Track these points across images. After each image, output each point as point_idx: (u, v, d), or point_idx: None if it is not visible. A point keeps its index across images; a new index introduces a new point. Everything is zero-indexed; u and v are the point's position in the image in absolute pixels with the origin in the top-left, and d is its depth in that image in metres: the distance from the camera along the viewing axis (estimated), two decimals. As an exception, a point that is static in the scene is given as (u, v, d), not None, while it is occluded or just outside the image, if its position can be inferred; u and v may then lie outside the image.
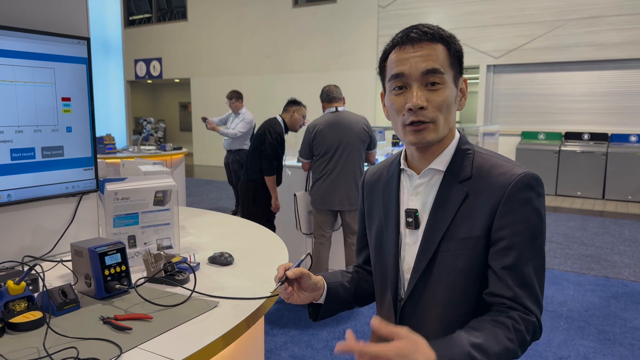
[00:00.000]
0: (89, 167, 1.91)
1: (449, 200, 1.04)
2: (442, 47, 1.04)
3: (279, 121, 4.18)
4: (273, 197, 4.15)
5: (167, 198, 1.76)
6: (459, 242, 1.02)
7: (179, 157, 6.11)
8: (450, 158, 1.08)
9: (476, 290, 1.03)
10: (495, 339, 0.93)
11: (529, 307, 0.97)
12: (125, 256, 1.46)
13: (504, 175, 1.01)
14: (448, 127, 1.06)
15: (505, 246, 0.99)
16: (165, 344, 1.14)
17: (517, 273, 0.98)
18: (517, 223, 0.98)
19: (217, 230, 2.26)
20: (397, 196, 1.15)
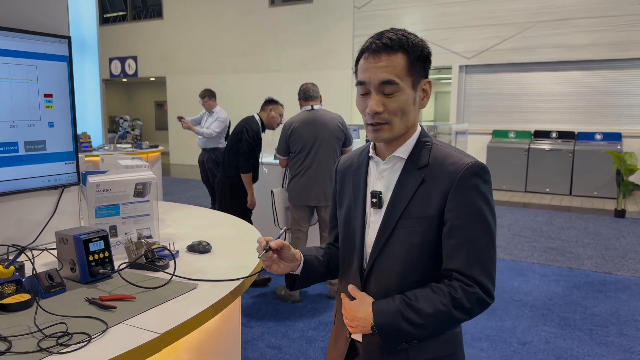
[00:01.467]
0: (71, 160, 1.98)
1: (408, 184, 1.18)
2: (402, 56, 1.15)
3: (256, 120, 4.28)
4: (249, 194, 4.24)
5: (147, 190, 1.85)
6: (415, 221, 1.16)
7: (155, 155, 6.14)
8: (412, 148, 1.22)
9: (429, 262, 1.17)
10: (429, 302, 1.11)
11: (475, 278, 1.10)
12: (108, 243, 1.55)
13: (455, 164, 1.15)
14: (405, 126, 1.19)
15: (454, 225, 1.13)
16: (148, 320, 1.24)
17: (465, 249, 1.11)
18: (465, 205, 1.12)
19: (195, 223, 2.35)
20: (365, 180, 1.29)
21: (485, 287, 1.11)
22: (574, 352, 3.23)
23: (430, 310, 1.10)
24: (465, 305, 1.09)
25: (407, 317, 1.11)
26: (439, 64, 10.79)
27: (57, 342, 1.10)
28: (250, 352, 3.19)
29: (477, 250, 1.12)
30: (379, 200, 1.22)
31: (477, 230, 1.12)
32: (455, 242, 1.12)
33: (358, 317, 1.16)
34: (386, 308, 1.13)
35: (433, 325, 1.11)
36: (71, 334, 1.14)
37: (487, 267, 1.12)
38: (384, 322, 1.12)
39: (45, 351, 1.07)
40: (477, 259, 1.11)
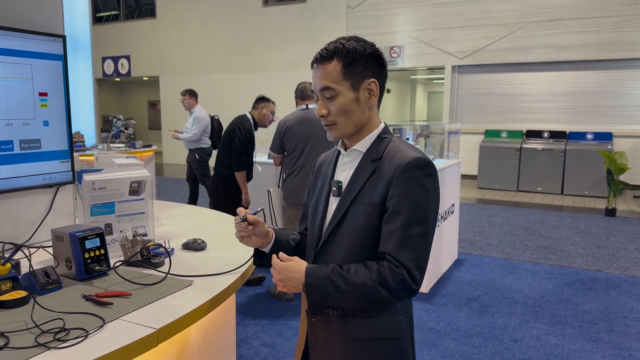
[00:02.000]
0: (66, 159, 1.99)
1: (361, 174, 1.30)
2: (336, 63, 1.28)
3: (248, 118, 4.30)
4: (243, 192, 4.26)
5: (142, 188, 1.86)
6: (362, 207, 1.27)
7: (148, 154, 6.14)
8: (371, 143, 1.33)
9: (371, 245, 1.27)
10: (358, 275, 1.21)
11: (402, 262, 1.19)
12: (104, 240, 1.56)
13: (401, 158, 1.25)
14: (353, 124, 1.31)
15: (392, 212, 1.22)
16: (145, 315, 1.26)
17: (398, 234, 1.20)
18: (404, 194, 1.22)
19: (190, 221, 2.36)
20: (333, 171, 1.41)
21: (411, 272, 1.19)
22: (565, 349, 3.27)
23: (357, 282, 1.20)
24: (390, 285, 1.18)
25: (335, 283, 1.21)
26: (431, 64, 10.85)
27: (55, 338, 1.12)
28: (244, 350, 3.20)
29: (409, 237, 1.20)
30: (337, 189, 1.34)
31: (412, 218, 1.20)
32: (390, 227, 1.22)
33: (290, 276, 1.26)
34: (318, 272, 1.24)
35: (357, 296, 1.20)
36: (68, 330, 1.15)
37: (416, 254, 1.20)
38: (313, 283, 1.23)
39: (43, 346, 1.08)
40: (407, 245, 1.20)
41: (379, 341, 1.29)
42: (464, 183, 9.79)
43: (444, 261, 4.82)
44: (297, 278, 1.25)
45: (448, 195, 4.82)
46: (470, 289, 4.35)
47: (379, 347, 1.29)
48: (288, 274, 1.26)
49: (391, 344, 1.29)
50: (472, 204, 8.36)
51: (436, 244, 4.48)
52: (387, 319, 1.29)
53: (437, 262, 4.55)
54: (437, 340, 3.37)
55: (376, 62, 1.30)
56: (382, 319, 1.28)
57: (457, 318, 3.73)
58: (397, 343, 1.30)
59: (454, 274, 4.78)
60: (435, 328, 3.56)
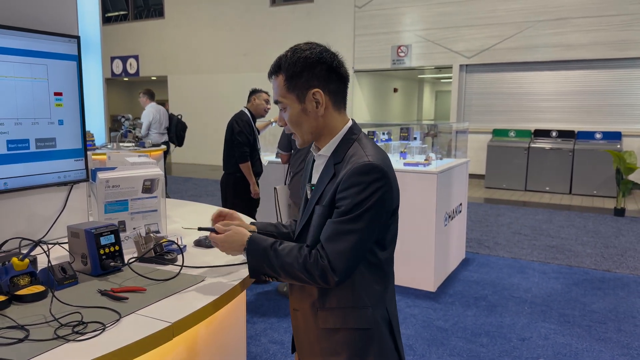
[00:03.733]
0: (80, 158, 2.02)
1: (324, 177, 1.37)
2: (282, 77, 1.34)
3: (245, 112, 4.38)
4: (251, 184, 4.29)
5: (155, 186, 1.89)
6: (321, 208, 1.35)
7: (157, 153, 6.18)
8: (335, 146, 1.38)
9: None
10: (288, 255, 1.32)
11: (328, 253, 1.27)
12: (118, 237, 1.59)
13: (352, 162, 1.30)
14: (308, 132, 1.37)
15: (335, 210, 1.30)
16: (159, 310, 1.28)
17: (332, 227, 1.28)
18: (346, 197, 1.27)
19: (201, 218, 2.39)
20: (310, 172, 1.50)
21: (333, 264, 1.26)
22: (573, 348, 3.27)
23: (286, 261, 1.32)
24: (312, 272, 1.28)
25: (269, 257, 1.33)
26: (439, 63, 10.83)
27: (73, 331, 1.15)
28: (253, 347, 3.23)
29: (338, 233, 1.27)
30: (311, 191, 1.43)
31: (346, 218, 1.27)
32: (328, 223, 1.30)
33: (234, 239, 1.39)
34: (258, 244, 1.36)
35: (285, 272, 1.32)
36: (86, 323, 1.18)
37: (342, 249, 1.27)
38: (252, 251, 1.36)
39: (62, 339, 1.11)
40: (336, 239, 1.27)
41: (346, 330, 1.36)
42: (471, 182, 9.77)
43: (452, 260, 4.82)
44: (239, 240, 1.38)
45: (456, 195, 4.83)
46: (478, 288, 4.36)
47: (346, 336, 1.36)
48: (229, 244, 1.40)
49: (359, 333, 1.36)
50: (480, 203, 8.35)
51: (444, 243, 4.49)
52: (354, 312, 1.35)
53: (444, 261, 4.56)
54: (445, 339, 3.39)
55: (323, 69, 1.33)
56: (349, 311, 1.35)
57: (465, 317, 3.74)
58: (366, 333, 1.36)
59: (462, 273, 4.79)
60: (442, 327, 3.57)
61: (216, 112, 13.06)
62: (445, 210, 4.48)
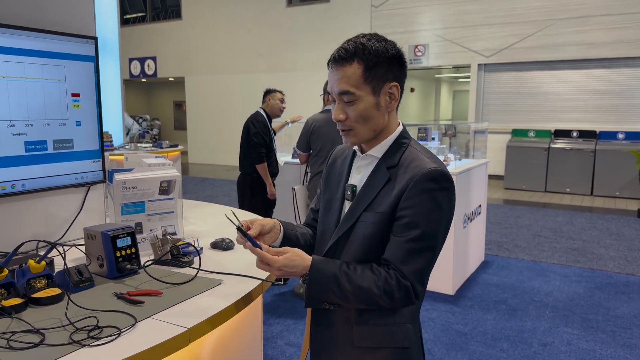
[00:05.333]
0: (97, 159, 2.02)
1: (375, 181, 1.25)
2: (357, 65, 1.20)
3: (261, 112, 4.38)
4: (267, 184, 4.28)
5: (172, 188, 1.88)
6: (372, 215, 1.22)
7: (175, 154, 6.22)
8: (387, 148, 1.28)
9: (377, 252, 1.23)
10: (364, 278, 1.17)
11: (404, 273, 1.16)
12: (134, 239, 1.58)
13: (417, 167, 1.20)
14: (371, 130, 1.25)
15: (402, 223, 1.18)
16: (176, 314, 1.26)
17: (406, 246, 1.17)
18: (416, 207, 1.17)
19: (217, 220, 2.38)
20: (348, 171, 1.36)
21: (415, 285, 1.17)
22: (597, 354, 3.18)
23: (363, 285, 1.16)
24: (394, 294, 1.16)
25: (340, 282, 1.17)
26: (457, 63, 10.71)
27: (89, 335, 1.13)
28: (269, 349, 3.21)
29: (415, 251, 1.17)
30: (352, 193, 1.30)
31: (421, 232, 1.16)
32: (399, 239, 1.18)
33: (296, 263, 1.19)
34: (324, 267, 1.20)
35: (359, 298, 1.17)
36: (101, 328, 1.17)
37: (420, 268, 1.17)
38: (317, 278, 1.18)
39: (78, 344, 1.09)
40: (413, 258, 1.17)
41: (386, 350, 1.26)
42: (490, 183, 9.63)
43: (471, 263, 4.74)
44: (301, 269, 1.19)
45: (475, 196, 4.75)
46: (498, 292, 4.28)
47: (385, 356, 1.25)
48: (289, 269, 1.19)
49: (399, 353, 1.26)
50: (499, 204, 8.22)
51: (462, 246, 4.41)
52: (395, 328, 1.26)
53: (463, 264, 4.49)
54: (464, 343, 3.32)
55: (398, 64, 1.23)
56: (391, 328, 1.25)
57: (485, 321, 3.67)
58: (406, 352, 1.27)
59: (481, 276, 4.71)
60: (462, 331, 3.51)
61: (232, 113, 13.11)
62: (464, 212, 4.41)
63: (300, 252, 1.21)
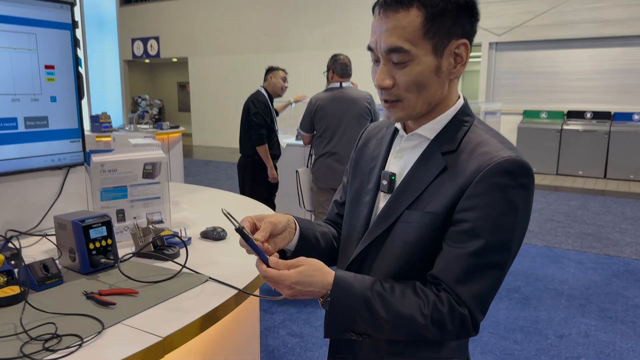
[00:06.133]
0: (76, 139, 1.83)
1: (425, 170, 0.95)
2: (417, 13, 0.89)
3: (262, 92, 4.15)
4: (268, 167, 4.08)
5: (157, 171, 1.69)
6: (419, 215, 0.93)
7: (176, 135, 6.03)
8: (443, 127, 0.97)
9: (422, 265, 0.94)
10: (405, 302, 0.89)
11: (461, 297, 0.88)
12: (111, 229, 1.39)
13: (486, 155, 0.90)
14: (426, 103, 0.94)
15: (463, 230, 0.89)
16: (150, 319, 1.08)
17: (466, 261, 0.88)
18: (483, 209, 0.87)
19: (212, 206, 2.19)
20: (385, 155, 1.07)
21: (474, 313, 0.89)
22: (617, 347, 3.00)
23: (403, 312, 0.88)
24: (446, 325, 0.88)
25: (372, 306, 0.89)
26: (467, 42, 10.36)
27: (44, 347, 0.95)
28: (271, 339, 3.06)
29: (479, 268, 0.88)
30: (389, 183, 1.00)
31: (489, 243, 0.88)
32: (456, 250, 0.89)
33: (314, 280, 0.90)
34: (352, 285, 0.91)
35: (398, 329, 0.89)
36: (60, 336, 0.99)
37: (480, 292, 0.89)
38: (342, 300, 0.90)
39: (28, 358, 0.91)
40: (475, 278, 0.88)
41: None
42: (499, 166, 9.39)
43: (482, 249, 4.55)
44: (320, 287, 0.91)
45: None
46: (510, 279, 4.09)
47: None
48: (305, 288, 0.90)
49: None
50: (509, 188, 7.99)
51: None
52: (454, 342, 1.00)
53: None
54: (476, 334, 3.15)
55: (469, 15, 0.93)
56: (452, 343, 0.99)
57: (497, 311, 3.49)
58: None
59: (492, 262, 4.52)
60: (473, 321, 3.33)
61: (236, 93, 12.86)
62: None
63: (319, 264, 0.93)
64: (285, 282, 0.90)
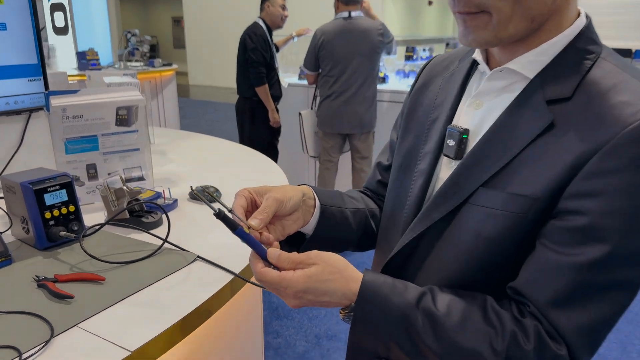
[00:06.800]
0: (36, 77, 1.50)
1: (518, 127, 0.63)
2: None
3: (260, 24, 3.70)
4: (270, 110, 3.72)
5: (133, 117, 1.37)
6: (504, 198, 0.62)
7: (169, 74, 5.63)
8: (551, 59, 0.64)
9: (497, 272, 0.65)
10: (468, 330, 0.60)
11: (562, 332, 0.58)
12: (73, 193, 1.10)
13: (623, 108, 0.57)
14: (526, 17, 0.61)
15: (575, 227, 0.58)
16: (117, 321, 0.81)
17: (573, 277, 0.58)
18: (613, 196, 0.56)
19: (205, 157, 1.90)
20: (455, 102, 0.74)
21: (576, 351, 0.59)
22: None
23: (463, 344, 0.59)
24: None
25: (416, 332, 0.61)
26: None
27: (-37, 370, 0.68)
28: (277, 327, 2.85)
29: (594, 288, 0.58)
30: (458, 144, 0.69)
31: (614, 252, 0.56)
32: (559, 256, 0.58)
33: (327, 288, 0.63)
34: (386, 297, 0.62)
35: None
36: (-11, 352, 0.72)
37: (593, 323, 0.58)
38: (371, 316, 0.63)
39: None
40: (586, 302, 0.58)
41: None
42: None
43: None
44: (337, 301, 0.64)
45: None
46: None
47: None
48: (318, 298, 0.63)
49: None
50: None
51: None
52: None
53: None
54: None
55: None
56: None
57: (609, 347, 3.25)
58: None
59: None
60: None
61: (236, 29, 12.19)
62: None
63: (338, 262, 0.65)
64: (289, 289, 0.63)
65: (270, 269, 0.65)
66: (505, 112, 0.66)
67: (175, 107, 5.78)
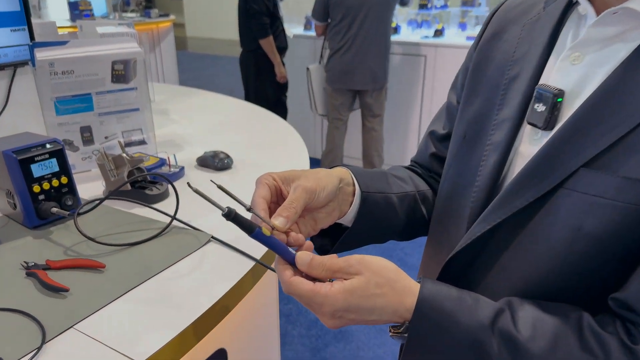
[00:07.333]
0: (19, 27, 1.32)
1: (636, 89, 0.47)
2: None
3: None
4: (275, 64, 3.51)
5: (131, 72, 1.21)
6: (616, 183, 0.47)
7: (166, 25, 5.35)
8: None
9: (597, 280, 0.50)
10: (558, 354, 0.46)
11: None
12: (65, 163, 0.95)
13: None
14: None
15: None
16: (120, 322, 0.68)
17: None
18: None
19: (212, 118, 1.74)
20: (544, 55, 0.58)
21: None
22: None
23: None
24: None
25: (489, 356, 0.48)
26: None
27: None
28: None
29: None
30: (550, 110, 0.53)
31: None
32: None
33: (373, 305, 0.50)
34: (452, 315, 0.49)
35: None
36: (-33, 366, 0.60)
37: None
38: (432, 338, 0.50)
39: None
40: None
41: None
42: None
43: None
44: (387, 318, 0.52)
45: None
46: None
47: None
48: (362, 316, 0.51)
49: None
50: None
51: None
52: None
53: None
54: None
55: None
56: None
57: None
58: None
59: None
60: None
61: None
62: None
63: (387, 271, 0.51)
64: (325, 307, 0.50)
65: (302, 279, 0.51)
66: (620, 69, 0.49)
67: (173, 62, 5.53)
